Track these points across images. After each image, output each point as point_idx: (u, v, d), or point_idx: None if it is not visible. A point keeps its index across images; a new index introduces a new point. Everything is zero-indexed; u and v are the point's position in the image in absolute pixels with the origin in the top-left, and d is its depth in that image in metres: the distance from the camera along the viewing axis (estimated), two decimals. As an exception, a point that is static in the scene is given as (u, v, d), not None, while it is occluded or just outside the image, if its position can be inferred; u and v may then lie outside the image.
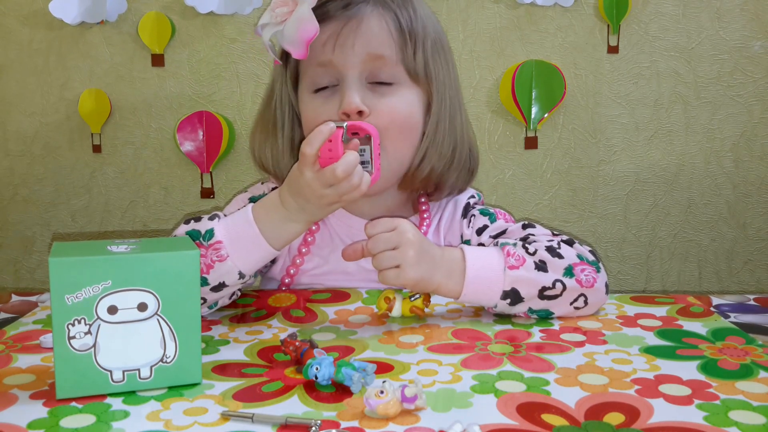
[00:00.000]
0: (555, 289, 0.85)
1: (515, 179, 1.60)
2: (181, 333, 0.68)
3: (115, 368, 0.66)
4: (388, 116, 0.92)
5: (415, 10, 0.96)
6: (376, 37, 0.92)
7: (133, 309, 0.66)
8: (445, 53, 0.99)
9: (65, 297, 0.64)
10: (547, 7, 1.55)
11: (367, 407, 0.61)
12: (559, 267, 0.86)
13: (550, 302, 0.85)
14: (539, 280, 0.85)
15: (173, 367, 0.68)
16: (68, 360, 0.65)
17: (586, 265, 0.87)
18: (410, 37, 0.94)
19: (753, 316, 0.90)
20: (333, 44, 0.92)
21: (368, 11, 0.93)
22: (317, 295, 0.96)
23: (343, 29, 0.92)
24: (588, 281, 0.86)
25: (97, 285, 0.65)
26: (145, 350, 0.67)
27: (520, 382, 0.68)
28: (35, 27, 1.57)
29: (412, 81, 0.95)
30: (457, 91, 1.01)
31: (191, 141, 1.56)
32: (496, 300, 0.85)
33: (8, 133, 1.61)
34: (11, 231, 1.64)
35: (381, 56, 0.92)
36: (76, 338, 0.65)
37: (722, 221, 1.62)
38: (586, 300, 0.86)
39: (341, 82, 0.93)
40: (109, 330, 0.65)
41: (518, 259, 0.85)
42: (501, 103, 1.56)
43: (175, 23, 1.55)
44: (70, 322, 0.64)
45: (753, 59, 1.56)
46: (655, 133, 1.59)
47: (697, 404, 0.64)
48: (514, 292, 0.84)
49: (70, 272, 0.64)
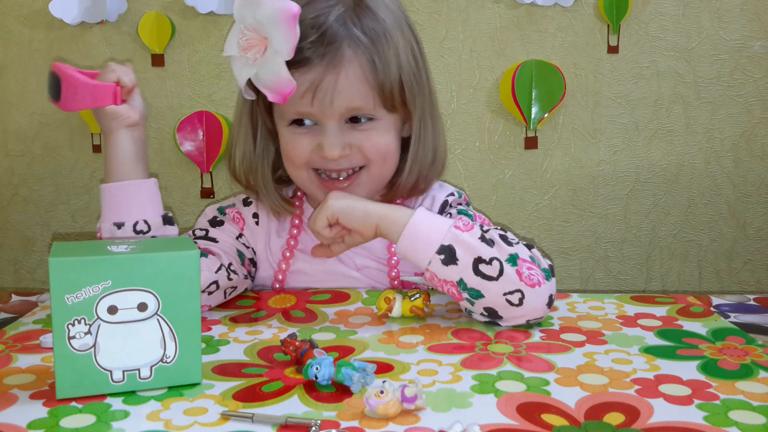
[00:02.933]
0: (491, 266, 0.81)
1: (515, 179, 1.60)
2: (181, 333, 0.67)
3: (115, 368, 0.66)
4: (369, 151, 0.94)
5: (383, 29, 0.91)
6: (354, 90, 0.90)
7: (133, 309, 0.66)
8: (416, 55, 0.96)
9: (65, 297, 0.64)
10: (547, 7, 1.55)
11: (367, 407, 0.61)
12: (505, 251, 0.82)
13: (483, 282, 0.81)
14: (479, 249, 0.82)
15: (173, 367, 0.68)
16: (68, 360, 0.65)
17: (535, 266, 0.83)
18: (384, 74, 0.91)
19: (753, 316, 0.90)
20: (311, 98, 0.90)
21: (345, 57, 0.89)
22: (317, 296, 0.96)
23: (322, 84, 0.89)
24: (530, 279, 0.82)
25: (97, 285, 0.64)
26: (145, 350, 0.67)
27: (520, 382, 0.68)
28: (35, 27, 1.57)
29: (390, 113, 0.94)
30: (430, 94, 0.99)
31: (191, 141, 1.56)
32: (431, 253, 0.82)
33: (8, 133, 1.61)
34: (11, 231, 1.64)
35: (359, 107, 0.92)
36: (76, 338, 0.65)
37: (722, 221, 1.62)
38: (522, 298, 0.81)
39: (320, 126, 0.93)
40: (109, 330, 0.65)
41: (467, 224, 0.84)
42: (501, 103, 1.56)
43: (175, 23, 1.55)
44: (70, 322, 0.64)
45: (753, 59, 1.56)
46: (655, 133, 1.59)
47: (697, 404, 0.64)
48: (450, 250, 0.82)
49: (70, 272, 0.64)
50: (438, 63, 1.57)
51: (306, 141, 0.93)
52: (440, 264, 0.82)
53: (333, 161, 0.93)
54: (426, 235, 0.83)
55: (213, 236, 0.99)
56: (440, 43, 1.56)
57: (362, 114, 0.93)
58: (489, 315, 0.83)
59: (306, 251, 1.02)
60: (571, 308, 0.90)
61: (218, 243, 0.99)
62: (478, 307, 0.83)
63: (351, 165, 0.94)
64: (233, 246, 0.99)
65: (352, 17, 0.90)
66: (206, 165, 1.57)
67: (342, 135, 0.92)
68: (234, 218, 1.03)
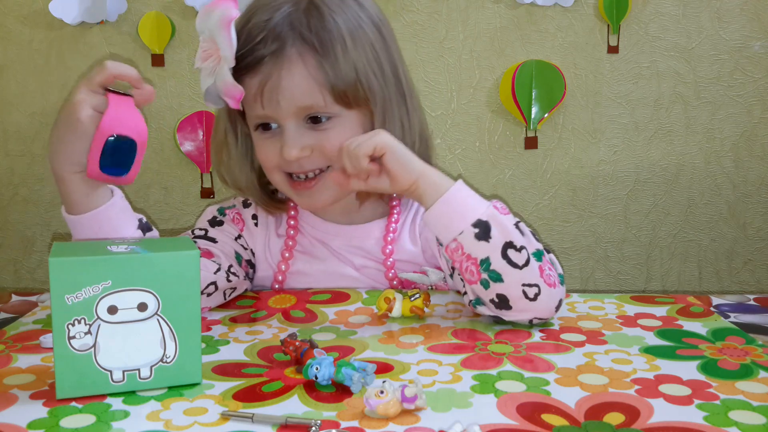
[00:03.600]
0: (520, 254, 0.81)
1: (515, 179, 1.60)
2: (181, 333, 0.67)
3: (115, 368, 0.66)
4: (330, 151, 0.92)
5: (334, 27, 0.91)
6: (299, 89, 0.90)
7: (133, 309, 0.66)
8: (377, 54, 0.94)
9: (65, 297, 0.64)
10: (547, 7, 1.55)
11: (367, 407, 0.61)
12: (533, 244, 0.83)
13: (508, 267, 0.80)
14: (512, 234, 0.81)
15: (173, 367, 0.68)
16: (68, 360, 0.65)
17: (553, 270, 0.84)
18: (334, 71, 0.90)
19: (753, 316, 0.90)
20: (261, 100, 0.91)
21: (288, 56, 0.90)
22: (317, 296, 0.96)
23: (267, 84, 0.90)
24: (549, 279, 0.82)
25: (97, 285, 0.64)
26: (145, 350, 0.67)
27: (520, 382, 0.68)
28: (35, 27, 1.57)
29: (348, 109, 0.93)
30: (399, 90, 0.97)
31: (191, 141, 1.56)
32: (466, 225, 0.80)
33: (8, 133, 1.61)
34: (11, 231, 1.64)
35: (310, 106, 0.91)
36: (76, 338, 0.64)
37: (722, 221, 1.62)
38: (539, 293, 0.81)
39: (281, 127, 0.93)
40: (109, 330, 0.65)
41: (503, 209, 0.83)
42: (501, 103, 1.56)
43: (175, 23, 1.55)
44: (70, 322, 0.64)
45: (753, 59, 1.56)
46: (655, 133, 1.59)
47: (697, 404, 0.64)
48: (486, 226, 0.80)
49: (70, 272, 0.64)
50: (438, 63, 1.57)
51: (271, 145, 0.94)
52: (472, 237, 0.81)
53: (295, 163, 0.93)
54: (464, 206, 0.82)
55: (212, 236, 0.99)
56: (440, 43, 1.56)
57: (319, 113, 0.92)
58: (499, 303, 0.82)
59: (305, 252, 1.02)
60: (571, 308, 0.90)
61: (217, 243, 0.99)
62: (491, 293, 0.82)
63: (314, 166, 0.94)
64: (232, 247, 1.00)
65: (300, 18, 0.90)
66: (206, 165, 1.57)
67: (301, 136, 0.92)
68: (234, 219, 1.03)
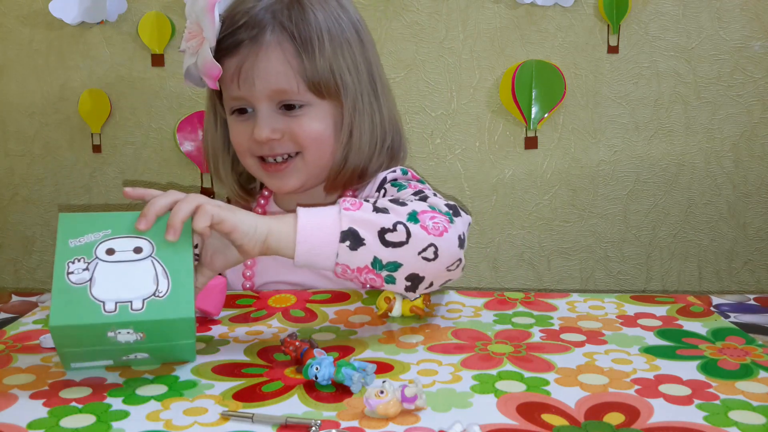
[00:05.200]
0: (397, 232, 0.77)
1: (515, 179, 1.60)
2: (173, 272, 0.70)
3: (108, 300, 0.68)
4: (300, 137, 0.98)
5: (314, 21, 0.96)
6: (275, 72, 0.96)
7: (129, 251, 0.70)
8: (353, 53, 1.00)
9: (68, 241, 0.70)
10: (547, 7, 1.55)
11: (367, 407, 0.61)
12: (402, 212, 0.78)
13: (396, 251, 0.77)
14: (378, 221, 0.77)
15: (165, 301, 0.69)
16: (64, 292, 0.68)
17: (435, 213, 0.79)
18: (310, 61, 0.96)
19: (753, 316, 0.90)
20: (237, 81, 0.97)
21: (267, 40, 0.95)
22: (317, 295, 0.96)
23: (244, 65, 0.96)
24: (436, 229, 0.78)
25: (98, 233, 0.71)
26: (138, 286, 0.69)
27: (520, 382, 0.68)
28: (35, 27, 1.57)
29: (320, 99, 0.98)
30: (372, 88, 1.02)
31: (191, 141, 1.56)
32: (335, 245, 0.76)
33: (8, 133, 1.61)
34: (11, 231, 1.64)
35: (284, 90, 0.96)
36: (74, 273, 0.68)
37: (722, 221, 1.62)
38: (437, 250, 0.78)
39: (255, 110, 0.98)
40: (106, 267, 0.69)
41: (354, 204, 0.79)
42: (501, 103, 1.56)
43: (175, 23, 1.55)
44: (70, 260, 0.69)
45: (753, 59, 1.56)
46: (655, 133, 1.59)
47: (697, 404, 0.64)
48: (353, 233, 0.76)
49: (76, 222, 0.71)
50: (438, 63, 1.57)
51: (245, 127, 1.00)
52: (348, 252, 0.76)
53: (266, 145, 0.98)
54: (321, 231, 0.76)
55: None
56: (440, 43, 1.56)
57: (291, 99, 0.97)
58: (412, 283, 0.79)
59: None
60: (571, 308, 0.90)
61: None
62: (400, 282, 0.79)
63: (284, 151, 0.99)
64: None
65: (281, 8, 0.96)
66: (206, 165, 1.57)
67: (273, 119, 0.98)
68: None
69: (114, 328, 0.67)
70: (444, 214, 0.80)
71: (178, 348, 0.72)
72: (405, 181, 1.00)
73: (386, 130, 1.04)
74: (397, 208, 0.79)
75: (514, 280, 1.64)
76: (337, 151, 1.01)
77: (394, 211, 0.79)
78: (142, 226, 0.71)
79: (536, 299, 0.93)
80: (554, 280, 1.64)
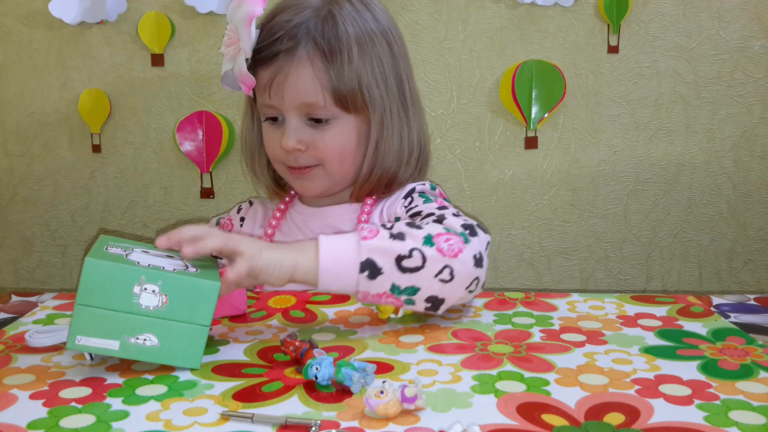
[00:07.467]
0: (413, 258, 0.80)
1: (515, 179, 1.60)
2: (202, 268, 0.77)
3: (143, 262, 0.73)
4: (324, 150, 1.01)
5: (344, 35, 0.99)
6: (303, 86, 0.99)
7: (163, 256, 0.78)
8: (383, 66, 1.02)
9: (104, 247, 0.75)
10: (547, 7, 1.54)
11: (367, 407, 0.61)
12: (418, 236, 0.81)
13: (413, 276, 0.80)
14: (394, 248, 0.80)
15: (195, 274, 0.74)
16: (102, 253, 0.73)
17: (451, 235, 0.82)
18: (337, 76, 0.98)
19: (753, 316, 0.90)
20: (269, 91, 1.01)
21: (299, 55, 0.98)
22: (317, 296, 0.96)
23: (277, 77, 0.99)
24: (451, 250, 0.81)
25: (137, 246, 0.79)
26: (169, 264, 0.75)
27: (520, 382, 0.68)
28: (35, 27, 1.57)
29: (347, 113, 1.01)
30: (402, 101, 1.04)
31: (191, 141, 1.56)
32: (355, 275, 0.80)
33: (8, 133, 1.61)
34: (11, 231, 1.64)
35: (311, 104, 0.99)
36: (109, 250, 0.75)
37: (722, 221, 1.62)
38: (452, 272, 0.81)
39: (284, 119, 1.02)
40: (141, 254, 0.76)
41: (371, 231, 0.82)
42: (501, 103, 1.56)
43: (175, 23, 1.55)
44: (108, 246, 0.76)
45: (753, 59, 1.56)
46: (655, 133, 1.59)
47: (698, 404, 0.64)
48: (371, 263, 0.79)
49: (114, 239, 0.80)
50: (438, 63, 1.57)
51: (276, 135, 1.03)
52: (367, 281, 0.80)
53: (291, 155, 1.02)
54: (342, 262, 0.80)
55: None
56: (440, 43, 1.56)
57: (318, 113, 1.00)
58: (432, 304, 0.83)
59: (285, 237, 1.09)
60: (571, 308, 0.90)
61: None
62: (420, 303, 0.82)
63: (307, 163, 1.02)
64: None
65: (316, 24, 0.99)
66: (206, 165, 1.57)
67: (301, 131, 1.01)
68: (224, 225, 1.15)
69: (143, 281, 0.71)
70: (459, 234, 0.83)
71: (190, 334, 0.72)
72: (432, 196, 1.03)
73: (414, 144, 1.06)
74: (413, 232, 0.82)
75: (514, 280, 1.64)
76: (361, 163, 1.03)
77: (410, 236, 0.82)
78: (161, 242, 0.78)
79: (536, 299, 0.93)
80: (554, 280, 1.64)
